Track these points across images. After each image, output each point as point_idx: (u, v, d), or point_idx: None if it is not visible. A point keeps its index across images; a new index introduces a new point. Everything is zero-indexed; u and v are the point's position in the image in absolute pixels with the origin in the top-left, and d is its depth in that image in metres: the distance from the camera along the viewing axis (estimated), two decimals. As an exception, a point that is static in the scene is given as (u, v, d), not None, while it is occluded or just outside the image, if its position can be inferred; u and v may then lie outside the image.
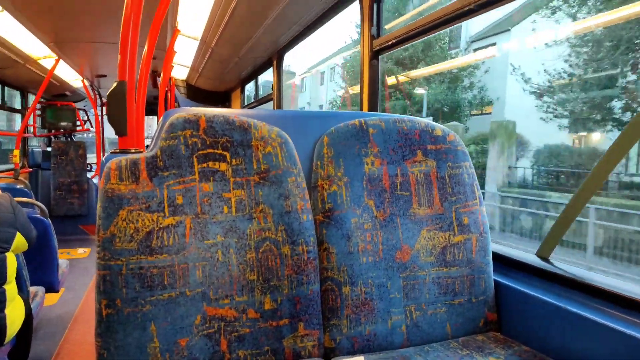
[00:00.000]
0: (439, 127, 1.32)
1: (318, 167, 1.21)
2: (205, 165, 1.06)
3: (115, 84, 1.37)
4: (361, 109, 2.03)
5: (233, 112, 1.16)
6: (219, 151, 1.08)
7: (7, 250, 1.66)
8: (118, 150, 1.40)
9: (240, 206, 1.06)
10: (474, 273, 1.23)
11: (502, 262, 1.35)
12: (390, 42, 1.84)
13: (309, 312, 1.07)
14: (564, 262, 1.26)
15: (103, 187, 0.97)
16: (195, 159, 1.05)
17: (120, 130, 1.38)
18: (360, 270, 1.14)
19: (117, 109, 1.37)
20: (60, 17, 2.92)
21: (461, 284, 1.22)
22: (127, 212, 0.96)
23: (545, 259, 1.28)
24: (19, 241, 1.74)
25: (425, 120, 1.32)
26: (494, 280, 1.27)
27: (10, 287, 1.68)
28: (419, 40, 1.88)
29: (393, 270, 1.17)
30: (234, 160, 1.08)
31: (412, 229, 1.21)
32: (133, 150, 1.40)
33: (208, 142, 1.07)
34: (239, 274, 1.03)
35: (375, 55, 1.96)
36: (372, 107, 1.99)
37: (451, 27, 2.09)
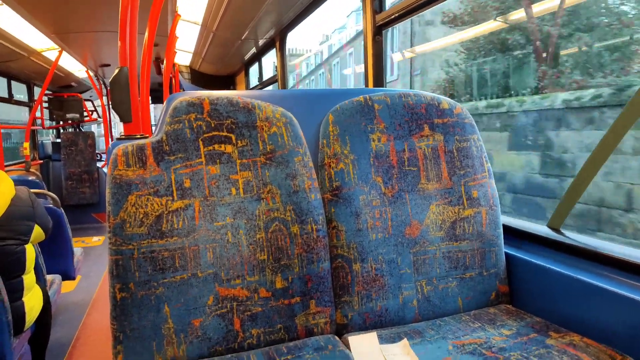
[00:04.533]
0: (446, 100, 1.29)
1: (324, 146, 1.20)
2: (211, 148, 1.06)
3: (116, 71, 1.36)
4: (366, 85, 2.00)
5: (237, 94, 1.15)
6: (224, 133, 1.07)
7: (27, 242, 1.69)
8: (124, 137, 1.40)
9: (248, 187, 1.06)
10: (485, 246, 1.23)
11: (513, 235, 1.34)
12: (393, 16, 1.80)
13: (320, 289, 1.08)
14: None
15: (111, 173, 0.98)
16: (200, 142, 1.05)
17: (124, 117, 1.37)
18: (370, 247, 1.14)
19: (120, 96, 1.36)
20: (60, 8, 2.89)
21: (472, 257, 1.22)
22: (136, 197, 0.97)
23: (557, 230, 1.27)
24: (37, 233, 1.77)
25: (432, 94, 1.30)
26: (505, 252, 1.26)
27: (29, 277, 1.72)
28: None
29: (403, 246, 1.17)
30: (239, 142, 1.08)
31: (421, 204, 1.20)
32: (139, 136, 1.40)
33: (213, 125, 1.07)
34: (249, 254, 1.04)
35: (378, 30, 1.92)
36: (378, 82, 1.96)
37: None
